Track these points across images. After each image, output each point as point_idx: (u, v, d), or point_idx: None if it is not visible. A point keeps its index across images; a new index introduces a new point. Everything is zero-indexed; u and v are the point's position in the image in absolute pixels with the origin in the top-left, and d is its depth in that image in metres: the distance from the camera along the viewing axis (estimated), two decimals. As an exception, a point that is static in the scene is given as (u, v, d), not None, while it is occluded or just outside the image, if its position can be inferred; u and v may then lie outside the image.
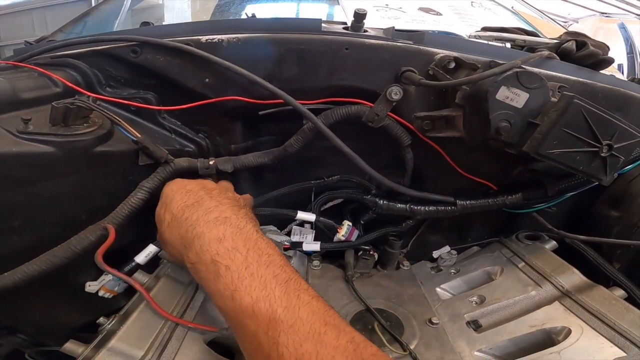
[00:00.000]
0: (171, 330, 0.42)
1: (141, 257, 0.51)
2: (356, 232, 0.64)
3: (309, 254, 0.67)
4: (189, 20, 1.39)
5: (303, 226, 0.67)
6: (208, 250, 0.37)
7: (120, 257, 0.48)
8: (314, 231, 0.66)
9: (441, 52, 0.53)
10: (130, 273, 0.48)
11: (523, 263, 0.57)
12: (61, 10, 3.01)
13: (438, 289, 0.62)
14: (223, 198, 0.43)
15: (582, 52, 0.62)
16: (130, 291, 0.48)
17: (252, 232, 0.39)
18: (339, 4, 0.91)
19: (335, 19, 1.15)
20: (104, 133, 0.48)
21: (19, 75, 0.51)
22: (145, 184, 0.51)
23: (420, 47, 0.54)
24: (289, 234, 0.66)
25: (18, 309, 0.46)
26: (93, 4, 2.78)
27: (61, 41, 0.59)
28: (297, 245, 0.64)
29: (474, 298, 0.57)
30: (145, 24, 0.69)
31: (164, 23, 1.31)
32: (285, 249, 0.64)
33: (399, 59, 0.53)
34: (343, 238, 0.63)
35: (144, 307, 0.43)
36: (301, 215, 0.61)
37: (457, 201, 0.59)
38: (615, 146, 0.46)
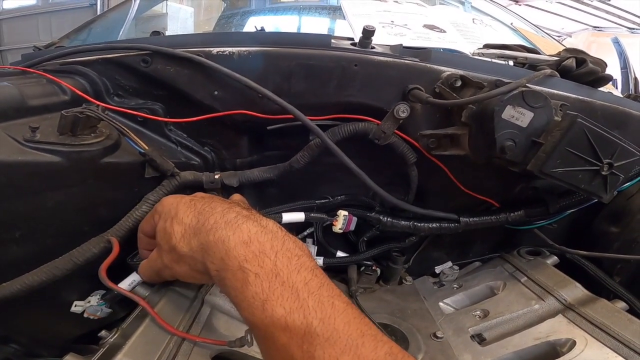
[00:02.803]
0: (178, 345, 0.41)
1: (125, 284, 0.46)
2: (354, 220, 0.61)
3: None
4: (192, 29, 1.41)
5: (305, 241, 0.67)
6: (235, 255, 0.34)
7: (120, 271, 0.47)
8: (316, 247, 0.66)
9: (447, 70, 0.54)
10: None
11: (525, 278, 0.57)
12: (66, 15, 3.03)
13: (441, 304, 0.62)
14: (229, 202, 0.41)
15: (581, 70, 0.63)
16: (127, 302, 0.47)
17: (277, 230, 0.37)
18: (344, 18, 0.92)
19: (337, 33, 1.17)
20: (111, 144, 0.48)
21: (27, 81, 0.50)
22: (150, 197, 0.50)
23: (427, 64, 0.55)
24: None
25: (12, 319, 0.45)
26: (99, 11, 2.80)
27: (71, 47, 0.59)
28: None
29: (478, 312, 0.57)
30: (155, 33, 0.69)
31: (167, 32, 1.33)
32: None
33: (406, 76, 0.54)
34: (341, 231, 0.60)
35: (149, 322, 0.42)
36: (287, 217, 0.57)
37: (461, 218, 0.60)
38: (615, 165, 0.47)
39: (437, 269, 0.69)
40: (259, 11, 1.47)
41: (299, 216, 0.58)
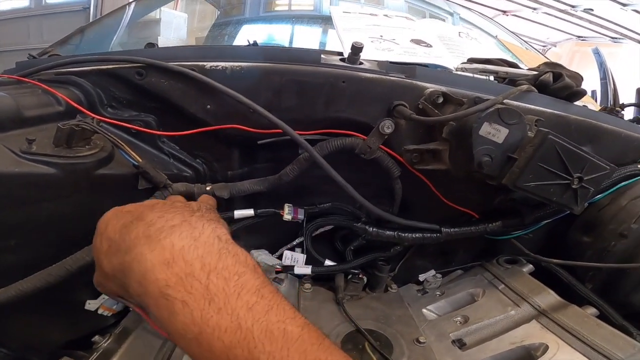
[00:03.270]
0: (171, 350, 0.42)
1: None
2: (301, 211, 0.62)
3: (300, 277, 0.68)
4: (185, 36, 1.41)
5: (294, 250, 0.69)
6: (154, 280, 0.28)
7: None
8: (305, 255, 0.68)
9: (431, 87, 0.57)
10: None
11: (503, 285, 0.60)
12: (58, 19, 3.00)
13: (424, 310, 0.64)
14: (169, 207, 0.34)
15: (557, 85, 0.66)
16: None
17: (211, 242, 0.30)
18: (335, 29, 0.95)
19: (329, 42, 1.20)
20: (105, 156, 0.49)
21: (23, 91, 0.52)
22: (142, 208, 0.51)
23: (411, 81, 0.57)
24: (280, 257, 0.68)
25: (2, 323, 0.46)
26: (91, 14, 2.79)
27: (66, 57, 0.60)
28: (288, 269, 0.66)
29: (459, 318, 0.59)
30: (150, 45, 0.70)
31: (159, 37, 1.34)
32: (277, 272, 0.65)
33: (392, 93, 0.56)
34: (289, 217, 0.61)
35: (141, 327, 0.43)
36: (238, 213, 0.59)
37: (442, 229, 0.62)
38: (585, 178, 0.50)
39: (421, 277, 0.71)
40: (253, 20, 1.49)
41: (249, 212, 0.59)
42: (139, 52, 0.61)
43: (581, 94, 0.69)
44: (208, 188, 0.56)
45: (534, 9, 5.13)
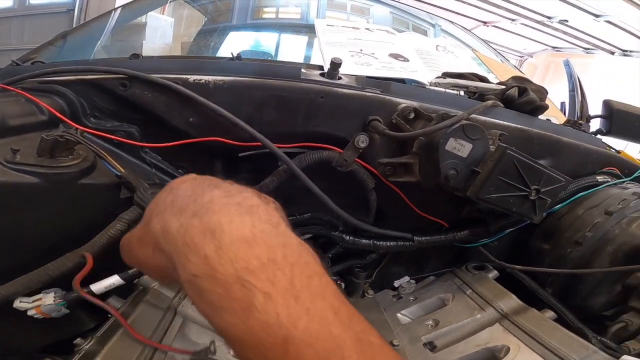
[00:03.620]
0: (151, 354, 0.43)
1: (98, 286, 0.47)
2: None
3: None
4: (171, 40, 1.41)
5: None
6: (230, 258, 0.22)
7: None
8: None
9: (404, 102, 0.60)
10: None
11: (470, 290, 0.64)
12: (41, 20, 2.93)
13: (399, 315, 0.67)
14: (246, 188, 0.29)
15: (522, 99, 0.70)
16: (97, 312, 0.49)
17: (290, 234, 0.26)
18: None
19: (314, 51, 1.23)
20: (88, 166, 0.51)
21: (6, 100, 0.52)
22: (124, 216, 0.52)
23: (386, 96, 0.60)
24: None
25: None
26: (75, 17, 2.74)
27: (51, 65, 0.60)
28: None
29: (430, 322, 0.62)
30: (134, 56, 0.71)
31: (144, 42, 1.34)
32: None
33: (367, 108, 0.59)
34: None
35: (123, 331, 0.44)
36: None
37: (414, 237, 0.66)
38: (542, 190, 0.55)
39: (396, 283, 0.74)
40: (239, 27, 1.51)
41: None
42: (124, 63, 0.63)
43: (543, 108, 0.74)
44: (190, 197, 0.58)
45: (513, 20, 5.31)
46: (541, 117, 0.80)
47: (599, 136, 1.10)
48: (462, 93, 0.76)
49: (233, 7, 1.56)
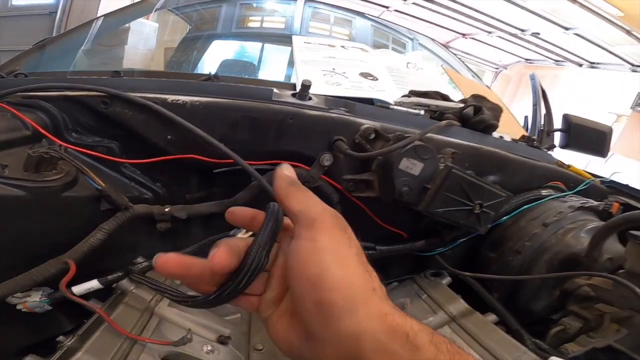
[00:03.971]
0: (130, 347, 0.47)
1: (79, 289, 0.53)
2: None
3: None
4: (154, 46, 1.41)
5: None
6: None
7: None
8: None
9: (366, 123, 0.65)
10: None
11: (426, 295, 0.70)
12: (22, 21, 2.88)
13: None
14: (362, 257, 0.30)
15: (476, 118, 0.77)
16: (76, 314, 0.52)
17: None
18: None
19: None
20: (70, 180, 0.55)
21: None
22: (104, 226, 0.56)
23: (350, 117, 0.66)
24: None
25: None
26: (57, 20, 2.71)
27: (34, 80, 0.63)
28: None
29: (390, 324, 0.68)
30: (116, 73, 0.75)
31: (126, 47, 1.35)
32: None
33: (332, 128, 0.64)
34: None
35: (103, 328, 0.48)
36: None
37: (377, 247, 0.71)
38: (485, 204, 0.61)
39: (362, 288, 0.80)
40: (223, 36, 1.54)
41: None
42: (106, 82, 0.66)
43: (494, 126, 0.81)
44: (167, 209, 0.62)
45: (489, 32, 5.54)
46: (495, 134, 0.88)
47: (557, 149, 1.19)
48: (422, 112, 0.83)
49: (218, 17, 1.59)
